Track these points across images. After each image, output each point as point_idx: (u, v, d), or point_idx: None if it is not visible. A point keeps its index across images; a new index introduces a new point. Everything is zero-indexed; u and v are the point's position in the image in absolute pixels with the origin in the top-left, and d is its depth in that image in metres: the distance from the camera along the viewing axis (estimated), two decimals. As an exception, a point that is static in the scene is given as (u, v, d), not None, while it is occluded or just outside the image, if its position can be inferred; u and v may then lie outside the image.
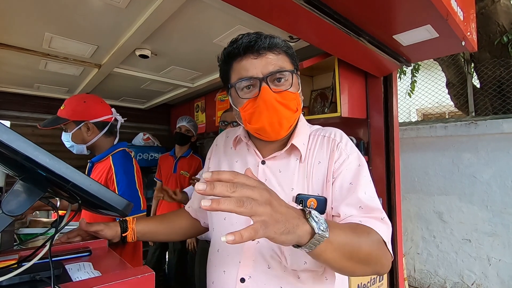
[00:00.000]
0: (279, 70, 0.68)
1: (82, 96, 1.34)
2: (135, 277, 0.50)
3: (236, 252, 0.71)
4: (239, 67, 0.70)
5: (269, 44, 0.69)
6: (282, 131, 0.70)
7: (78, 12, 1.24)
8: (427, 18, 1.24)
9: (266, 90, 0.66)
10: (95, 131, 1.31)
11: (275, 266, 0.68)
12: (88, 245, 0.74)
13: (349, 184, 0.68)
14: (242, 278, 0.69)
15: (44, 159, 0.39)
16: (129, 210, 0.50)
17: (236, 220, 0.73)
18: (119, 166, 1.23)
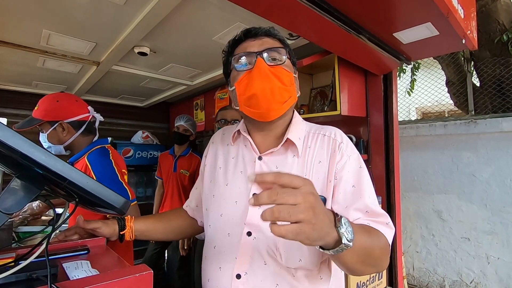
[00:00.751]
0: (274, 47, 0.73)
1: (55, 95, 1.29)
2: (133, 275, 0.49)
3: (233, 248, 0.71)
4: (239, 49, 0.76)
5: (266, 31, 0.76)
6: (273, 102, 0.70)
7: (76, 9, 1.23)
8: (427, 15, 1.23)
9: (261, 61, 0.70)
10: (71, 131, 1.25)
11: (272, 262, 0.68)
12: (86, 243, 0.74)
13: (352, 187, 0.69)
14: (238, 274, 0.68)
15: (40, 157, 0.38)
16: (127, 208, 0.50)
17: (232, 216, 0.73)
18: (96, 163, 1.18)
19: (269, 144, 0.77)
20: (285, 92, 0.71)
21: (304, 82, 2.19)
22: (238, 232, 0.71)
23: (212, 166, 0.85)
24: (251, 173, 0.50)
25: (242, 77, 0.72)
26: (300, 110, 2.00)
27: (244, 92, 0.72)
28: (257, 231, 0.70)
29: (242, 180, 0.75)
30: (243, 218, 0.71)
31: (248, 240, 0.70)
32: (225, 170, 0.80)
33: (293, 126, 0.76)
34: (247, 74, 0.72)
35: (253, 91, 0.69)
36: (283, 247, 0.68)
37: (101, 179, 1.13)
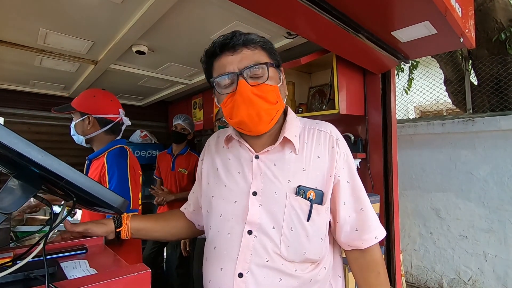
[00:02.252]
0: (254, 64, 0.70)
1: (95, 91, 1.37)
2: (131, 274, 0.49)
3: (233, 248, 0.71)
4: (218, 65, 0.73)
5: (243, 40, 0.72)
6: (262, 124, 0.71)
7: (73, 7, 1.23)
8: (425, 14, 1.23)
9: (243, 83, 0.68)
10: (96, 126, 1.30)
11: (274, 258, 0.69)
12: (85, 243, 0.74)
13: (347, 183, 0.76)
14: (240, 273, 0.69)
15: (36, 156, 0.38)
16: (125, 208, 0.50)
17: (232, 216, 0.74)
18: (112, 163, 1.21)
19: (264, 144, 0.77)
20: (272, 111, 0.72)
21: (303, 81, 2.19)
22: (239, 231, 0.71)
23: (209, 168, 0.84)
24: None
25: (226, 100, 0.72)
26: (298, 109, 2.00)
27: (230, 115, 0.72)
28: (257, 229, 0.70)
29: (241, 180, 0.75)
30: (243, 217, 0.72)
31: (249, 239, 0.70)
32: (222, 171, 0.80)
33: (288, 125, 0.76)
34: (230, 97, 0.71)
35: (240, 117, 0.70)
36: (285, 243, 0.69)
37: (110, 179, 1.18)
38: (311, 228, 0.71)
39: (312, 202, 0.71)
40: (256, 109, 0.69)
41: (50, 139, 2.65)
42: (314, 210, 0.71)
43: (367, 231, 0.75)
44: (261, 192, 0.72)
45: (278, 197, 0.71)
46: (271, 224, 0.70)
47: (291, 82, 2.05)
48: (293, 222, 0.70)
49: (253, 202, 0.72)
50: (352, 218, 0.75)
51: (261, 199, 0.72)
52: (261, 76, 0.71)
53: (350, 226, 0.75)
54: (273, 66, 0.74)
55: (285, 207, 0.70)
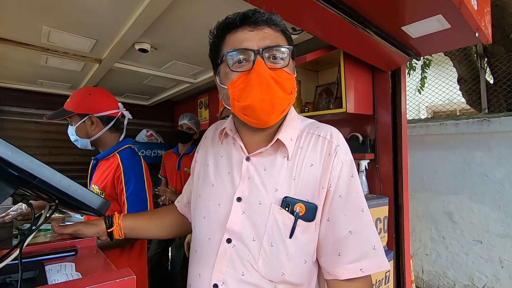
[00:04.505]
0: (277, 45, 0.63)
1: (88, 89, 1.30)
2: (114, 281, 0.46)
3: (212, 254, 0.66)
4: (233, 39, 0.64)
5: (267, 18, 0.64)
6: (273, 113, 0.62)
7: (74, 3, 1.21)
8: (438, 7, 1.17)
9: (261, 63, 0.60)
10: (100, 125, 1.25)
11: (250, 274, 0.63)
12: (76, 244, 0.71)
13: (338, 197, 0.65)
14: (215, 284, 0.64)
15: (4, 152, 0.35)
16: (106, 209, 0.46)
17: (214, 220, 0.68)
18: (128, 165, 1.17)
19: (258, 144, 0.70)
20: (285, 101, 0.64)
21: (309, 80, 2.13)
22: (218, 237, 0.66)
23: (202, 163, 0.79)
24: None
25: (237, 79, 0.62)
26: (304, 108, 1.95)
27: (239, 98, 0.62)
28: (237, 239, 0.65)
29: (228, 182, 0.70)
30: (224, 223, 0.66)
31: (227, 248, 0.65)
32: (212, 170, 0.74)
33: (286, 125, 0.68)
34: (243, 76, 0.62)
35: (250, 101, 0.61)
36: (264, 259, 0.62)
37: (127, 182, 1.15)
38: (293, 246, 0.63)
39: (297, 218, 0.62)
40: (271, 95, 0.60)
41: (59, 138, 2.67)
42: (298, 227, 0.63)
43: (351, 259, 0.62)
44: (246, 199, 0.66)
45: (262, 207, 0.64)
46: (251, 236, 0.64)
47: (298, 80, 1.99)
48: (274, 237, 0.62)
49: (236, 208, 0.66)
50: (336, 240, 0.64)
51: (245, 206, 0.65)
52: (281, 61, 0.63)
53: (331, 249, 0.64)
54: (291, 56, 0.67)
55: (268, 219, 0.63)
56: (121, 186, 1.16)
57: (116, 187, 1.17)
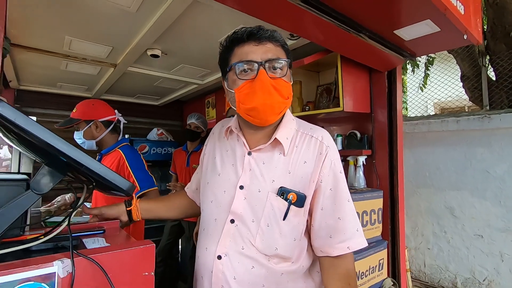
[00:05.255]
0: (278, 58, 0.75)
1: (91, 101, 1.60)
2: (138, 247, 0.59)
3: (217, 232, 0.79)
4: (241, 52, 0.76)
5: (269, 35, 0.77)
6: (272, 114, 0.75)
7: (94, 17, 1.36)
8: (425, 13, 1.26)
9: (263, 73, 0.72)
10: (102, 128, 1.54)
11: (248, 248, 0.76)
12: (103, 225, 0.85)
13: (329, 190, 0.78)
14: (219, 255, 0.77)
15: (63, 147, 0.48)
16: (132, 190, 0.60)
17: (220, 204, 0.81)
18: (129, 154, 1.47)
19: (258, 141, 0.82)
20: (282, 105, 0.76)
21: (311, 79, 2.24)
22: (223, 218, 0.79)
23: (210, 156, 0.92)
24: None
25: (243, 85, 0.74)
26: (305, 107, 2.06)
27: (244, 101, 0.75)
28: (239, 220, 0.78)
29: (232, 172, 0.82)
30: (229, 206, 0.79)
31: (230, 227, 0.78)
32: (219, 161, 0.87)
33: (282, 126, 0.80)
34: (248, 83, 0.74)
35: (254, 104, 0.73)
36: (260, 236, 0.76)
37: (134, 167, 1.44)
38: (286, 227, 0.76)
39: (290, 204, 0.75)
40: (272, 100, 0.73)
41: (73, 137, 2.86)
42: (291, 211, 0.75)
43: (340, 240, 0.76)
44: (247, 187, 0.78)
45: (260, 194, 0.76)
46: (251, 217, 0.77)
47: (298, 81, 2.10)
48: (270, 219, 0.75)
49: (239, 195, 0.78)
50: (328, 225, 0.77)
51: (246, 193, 0.78)
52: (280, 71, 0.76)
53: (325, 232, 0.77)
54: (289, 67, 0.80)
55: (265, 204, 0.76)
56: (127, 170, 1.44)
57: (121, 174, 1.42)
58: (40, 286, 0.49)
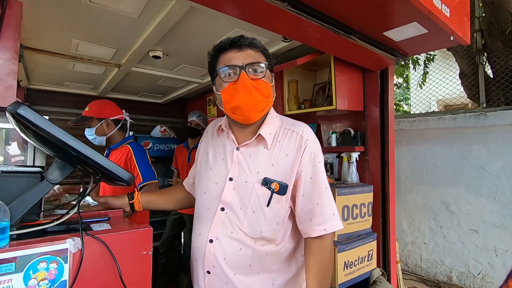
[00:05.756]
0: (257, 62, 0.85)
1: (102, 101, 1.75)
2: (137, 230, 0.69)
3: (209, 219, 0.89)
4: (224, 58, 0.86)
5: (249, 42, 0.86)
6: (254, 112, 0.84)
7: (99, 21, 1.45)
8: (411, 16, 1.32)
9: (244, 75, 0.82)
10: (112, 126, 1.70)
11: (237, 232, 0.85)
12: (108, 214, 0.95)
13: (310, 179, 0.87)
14: (211, 239, 0.87)
15: (75, 144, 0.57)
16: (132, 181, 0.69)
17: (212, 194, 0.90)
18: (137, 150, 1.64)
19: (245, 137, 0.90)
20: (263, 103, 0.85)
21: (308, 78, 2.31)
22: (215, 207, 0.89)
23: (204, 152, 1.02)
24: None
25: (227, 87, 0.84)
26: (301, 105, 2.13)
27: (229, 101, 0.84)
28: (228, 208, 0.87)
29: (223, 166, 0.91)
30: (219, 196, 0.88)
31: (221, 214, 0.87)
32: (211, 157, 0.96)
33: (266, 123, 0.90)
34: (231, 85, 0.83)
35: (237, 103, 0.82)
36: (247, 222, 0.85)
37: (140, 161, 1.60)
38: (269, 212, 0.85)
39: (272, 192, 0.84)
40: (252, 99, 0.82)
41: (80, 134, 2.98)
42: (273, 199, 0.84)
43: (318, 223, 0.86)
44: (236, 179, 0.87)
45: (247, 185, 0.86)
46: (239, 205, 0.86)
47: (295, 80, 2.18)
48: (255, 206, 0.85)
49: (229, 186, 0.88)
50: (308, 209, 0.86)
51: (235, 184, 0.87)
52: (260, 73, 0.85)
53: (305, 216, 0.87)
54: (269, 69, 0.89)
55: (251, 193, 0.85)
56: (133, 163, 1.59)
57: (128, 166, 1.59)
58: (55, 259, 0.59)
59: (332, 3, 1.21)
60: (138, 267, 0.68)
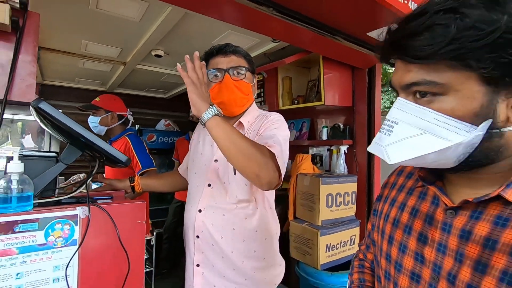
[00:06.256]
0: (238, 66, 1.03)
1: (113, 96, 1.96)
2: (133, 203, 0.84)
3: (199, 193, 1.05)
4: (212, 63, 1.05)
5: (233, 50, 1.05)
6: (236, 106, 1.03)
7: (105, 25, 1.60)
8: (390, 18, 1.42)
9: (228, 77, 1.01)
10: (116, 120, 1.90)
11: (220, 201, 1.02)
12: (112, 194, 1.11)
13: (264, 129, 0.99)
14: (199, 209, 1.03)
15: (84, 132, 0.73)
16: (129, 163, 0.84)
17: (201, 174, 1.07)
18: (135, 141, 1.82)
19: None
20: (244, 99, 1.04)
21: (302, 75, 2.42)
22: (203, 184, 1.05)
23: (196, 140, 1.18)
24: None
25: (214, 86, 1.02)
26: (294, 101, 2.26)
27: (215, 98, 1.01)
28: (214, 183, 1.03)
29: (210, 151, 1.07)
30: (206, 175, 1.05)
31: (208, 189, 1.04)
32: (201, 144, 1.13)
33: (246, 114, 1.08)
34: (217, 84, 1.02)
35: (222, 99, 1.01)
36: (226, 191, 1.01)
37: (138, 151, 1.76)
38: (238, 177, 0.99)
39: None
40: (234, 96, 1.01)
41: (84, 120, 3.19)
42: None
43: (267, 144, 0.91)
44: (220, 159, 1.03)
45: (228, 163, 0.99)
46: (223, 180, 1.02)
47: (289, 77, 2.30)
48: (229, 177, 1.01)
49: (214, 166, 1.04)
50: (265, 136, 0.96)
51: (219, 164, 1.03)
52: (241, 75, 1.03)
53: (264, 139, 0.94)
54: (250, 71, 1.07)
55: (229, 169, 1.01)
56: (132, 153, 1.75)
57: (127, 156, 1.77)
58: (68, 222, 0.75)
59: (315, 7, 1.33)
60: (134, 233, 0.84)
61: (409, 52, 0.42)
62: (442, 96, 0.41)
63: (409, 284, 0.51)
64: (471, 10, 0.37)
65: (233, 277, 1.01)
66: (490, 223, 0.42)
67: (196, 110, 0.85)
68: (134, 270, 0.82)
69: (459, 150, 0.41)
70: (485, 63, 0.37)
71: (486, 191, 0.43)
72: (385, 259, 0.57)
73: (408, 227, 0.53)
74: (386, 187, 0.66)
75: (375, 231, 0.63)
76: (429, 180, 0.52)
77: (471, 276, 0.41)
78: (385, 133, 0.46)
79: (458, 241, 0.44)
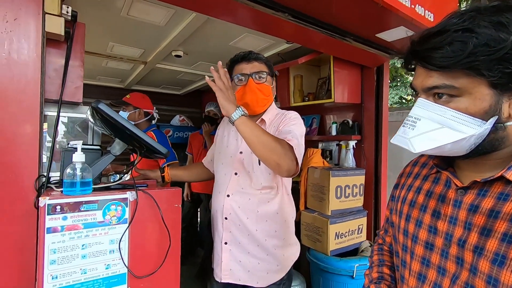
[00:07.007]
0: (260, 71, 1.19)
1: (142, 94, 2.12)
2: (170, 189, 0.98)
3: (226, 181, 1.19)
4: (237, 68, 1.22)
5: (255, 57, 1.21)
6: (258, 106, 1.18)
7: (131, 28, 1.74)
8: (397, 22, 1.52)
9: (251, 81, 1.17)
10: (142, 116, 2.06)
11: (246, 187, 1.16)
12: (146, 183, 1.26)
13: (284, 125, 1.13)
14: (228, 194, 1.17)
15: (129, 125, 0.87)
16: (168, 155, 0.98)
17: (228, 164, 1.20)
18: (159, 136, 2.00)
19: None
20: (265, 100, 1.20)
21: (312, 73, 2.53)
22: (230, 173, 1.19)
23: (221, 135, 1.32)
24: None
25: (240, 89, 1.18)
26: (305, 98, 2.37)
27: (240, 99, 1.17)
28: (240, 172, 1.17)
29: (235, 143, 1.22)
30: (233, 165, 1.19)
31: (235, 177, 1.18)
32: (227, 138, 1.27)
33: (267, 112, 1.23)
34: (242, 87, 1.18)
35: (246, 100, 1.16)
36: (254, 179, 1.15)
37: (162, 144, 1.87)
38: (262, 167, 1.14)
39: None
40: (257, 97, 1.16)
41: None
42: None
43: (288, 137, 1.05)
44: (244, 151, 1.17)
45: (252, 154, 1.15)
46: (247, 169, 1.16)
47: (300, 75, 2.41)
48: (254, 167, 1.15)
49: (240, 157, 1.18)
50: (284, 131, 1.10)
51: (244, 155, 1.17)
52: (263, 79, 1.18)
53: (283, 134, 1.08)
54: (269, 75, 1.23)
55: (253, 159, 1.15)
56: None
57: None
58: (120, 204, 0.89)
59: (327, 12, 1.43)
60: (173, 215, 0.98)
61: (432, 62, 0.50)
62: (458, 98, 0.50)
63: (424, 252, 0.59)
64: (483, 30, 0.46)
65: (256, 253, 1.16)
66: (494, 198, 0.51)
67: (225, 112, 0.99)
68: (173, 245, 0.97)
69: (471, 141, 0.50)
70: (494, 72, 0.46)
71: (490, 173, 0.53)
72: (403, 234, 0.65)
73: (423, 206, 0.62)
74: (402, 176, 0.75)
75: (393, 214, 0.71)
76: (442, 166, 0.62)
77: (478, 239, 0.51)
78: (409, 127, 0.55)
79: (467, 213, 0.53)
